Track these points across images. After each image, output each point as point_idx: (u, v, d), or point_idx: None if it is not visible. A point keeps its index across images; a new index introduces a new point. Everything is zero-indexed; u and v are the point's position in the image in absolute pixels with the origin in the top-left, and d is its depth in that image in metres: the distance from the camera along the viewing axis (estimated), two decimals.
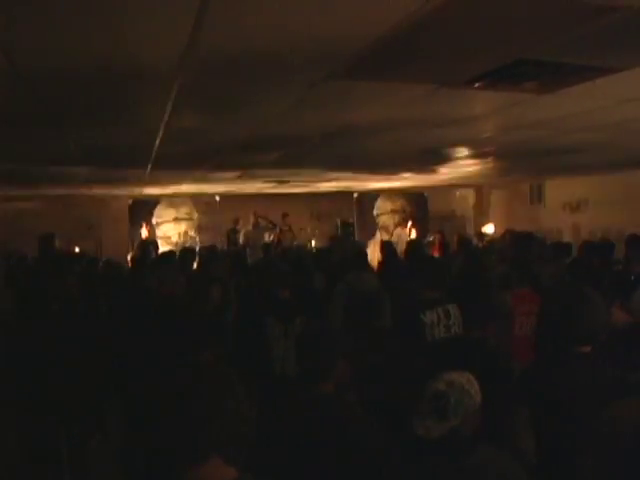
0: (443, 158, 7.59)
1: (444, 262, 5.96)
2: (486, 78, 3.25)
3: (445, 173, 9.72)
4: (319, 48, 2.67)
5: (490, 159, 7.93)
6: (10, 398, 4.23)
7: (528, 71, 3.14)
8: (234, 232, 12.68)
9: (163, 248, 12.02)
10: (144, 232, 12.45)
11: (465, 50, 2.79)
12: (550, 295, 3.42)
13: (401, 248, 10.33)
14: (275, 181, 9.98)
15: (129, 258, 10.67)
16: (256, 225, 12.09)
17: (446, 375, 2.41)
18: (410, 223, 14.08)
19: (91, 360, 4.36)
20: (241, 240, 11.60)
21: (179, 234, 13.57)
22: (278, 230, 12.59)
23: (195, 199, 13.59)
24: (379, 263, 7.87)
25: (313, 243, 13.23)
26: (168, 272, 5.08)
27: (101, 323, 5.37)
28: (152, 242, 11.71)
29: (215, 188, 11.88)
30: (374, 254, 9.12)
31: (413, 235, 13.40)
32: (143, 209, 13.20)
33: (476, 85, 3.41)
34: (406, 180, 11.09)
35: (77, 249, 11.20)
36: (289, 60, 2.83)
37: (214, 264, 6.33)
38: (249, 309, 5.15)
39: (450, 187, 15.22)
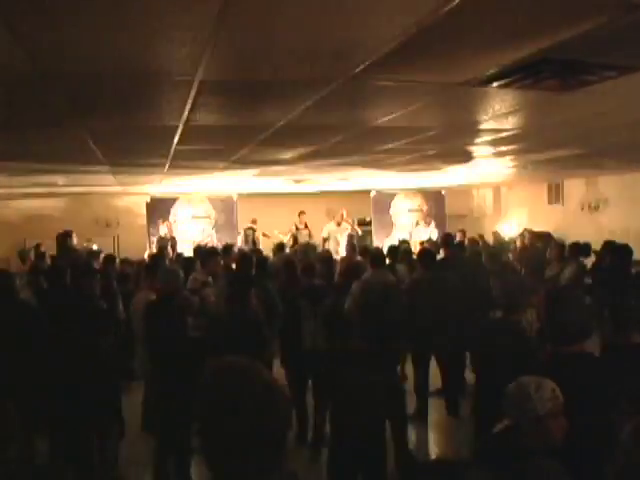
0: (461, 157, 7.54)
1: None
2: (507, 77, 3.21)
3: (463, 172, 9.66)
4: (337, 48, 2.65)
5: (509, 158, 7.87)
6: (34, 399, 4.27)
7: (550, 70, 3.09)
8: (252, 231, 12.74)
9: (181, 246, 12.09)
10: (163, 230, 12.46)
11: (486, 50, 2.76)
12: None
13: (416, 247, 10.33)
14: (292, 179, 9.98)
15: (146, 256, 10.72)
16: (298, 229, 12.74)
17: (525, 377, 2.36)
18: (433, 223, 13.98)
19: (109, 359, 4.40)
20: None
21: (196, 233, 13.57)
22: (294, 229, 12.65)
23: (212, 198, 13.59)
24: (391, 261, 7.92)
25: None
26: (164, 272, 5.27)
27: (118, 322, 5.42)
28: (170, 240, 11.76)
29: (232, 187, 11.91)
30: None
31: (433, 234, 13.30)
32: (161, 207, 13.18)
33: (495, 84, 3.37)
34: (424, 178, 11.03)
35: (95, 247, 11.27)
36: (306, 61, 2.82)
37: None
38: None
39: (468, 186, 15.13)
